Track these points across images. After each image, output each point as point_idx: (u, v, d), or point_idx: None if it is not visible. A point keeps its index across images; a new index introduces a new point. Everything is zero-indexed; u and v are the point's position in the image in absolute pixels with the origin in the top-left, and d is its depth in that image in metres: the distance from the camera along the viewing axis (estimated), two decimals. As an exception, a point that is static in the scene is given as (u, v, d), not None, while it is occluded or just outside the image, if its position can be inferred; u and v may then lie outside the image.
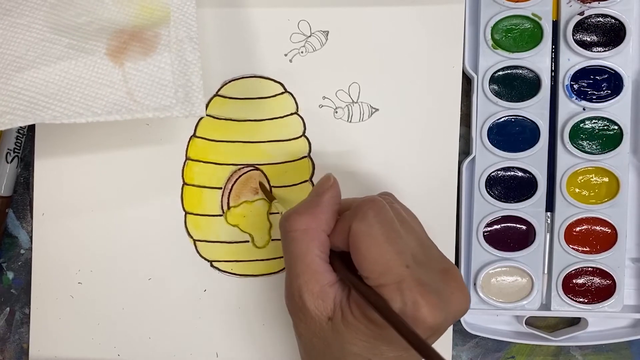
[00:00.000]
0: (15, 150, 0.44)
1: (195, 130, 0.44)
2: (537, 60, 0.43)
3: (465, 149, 0.45)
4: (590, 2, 0.43)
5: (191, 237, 0.44)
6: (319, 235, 0.34)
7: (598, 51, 0.43)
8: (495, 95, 0.43)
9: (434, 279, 0.32)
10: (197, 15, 0.38)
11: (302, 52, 0.44)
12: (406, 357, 0.32)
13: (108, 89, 0.36)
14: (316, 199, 0.34)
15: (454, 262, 0.44)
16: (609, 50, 0.43)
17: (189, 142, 0.44)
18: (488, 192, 0.44)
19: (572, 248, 0.44)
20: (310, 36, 0.44)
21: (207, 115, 0.44)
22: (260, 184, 0.43)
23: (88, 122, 0.36)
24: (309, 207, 0.34)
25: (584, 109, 0.43)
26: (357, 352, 0.32)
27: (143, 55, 0.37)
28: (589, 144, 0.43)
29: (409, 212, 0.36)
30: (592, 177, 0.44)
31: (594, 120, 0.43)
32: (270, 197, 0.43)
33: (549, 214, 0.44)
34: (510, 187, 0.44)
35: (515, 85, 0.43)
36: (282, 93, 0.44)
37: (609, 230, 0.44)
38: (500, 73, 0.43)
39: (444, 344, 0.44)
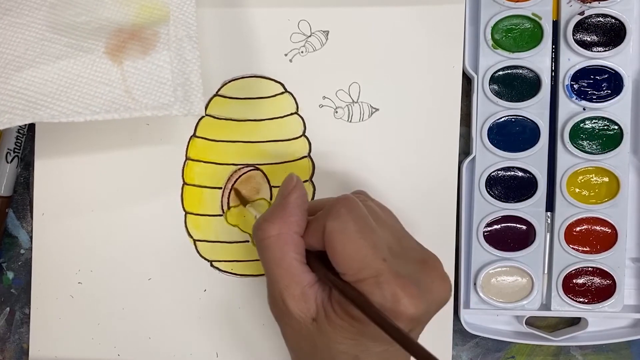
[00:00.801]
0: (15, 150, 0.44)
1: (195, 130, 0.44)
2: (537, 60, 0.43)
3: (465, 149, 0.45)
4: (590, 2, 0.43)
5: (191, 237, 0.44)
6: (292, 238, 0.34)
7: (598, 51, 0.43)
8: (496, 95, 0.43)
9: (413, 269, 0.32)
10: (197, 14, 0.38)
11: (302, 52, 0.44)
12: (393, 351, 0.33)
13: (107, 88, 0.36)
14: (283, 202, 0.34)
15: (454, 262, 0.44)
16: (609, 50, 0.43)
17: (189, 142, 0.44)
18: (488, 192, 0.44)
19: (572, 248, 0.44)
20: (310, 36, 0.44)
21: (207, 115, 0.44)
22: (235, 190, 0.43)
23: (87, 120, 0.36)
24: (277, 211, 0.34)
25: (584, 109, 0.43)
26: (344, 350, 0.32)
27: (142, 54, 0.37)
28: (589, 144, 0.43)
29: (383, 208, 0.36)
30: (592, 177, 0.44)
31: (594, 120, 0.43)
32: (244, 202, 0.43)
33: (549, 214, 0.44)
34: (510, 187, 0.44)
35: (515, 85, 0.43)
36: (282, 93, 0.44)
37: (609, 230, 0.44)
38: (501, 73, 0.43)
39: (443, 344, 0.44)
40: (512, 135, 0.44)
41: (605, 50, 0.43)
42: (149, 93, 0.37)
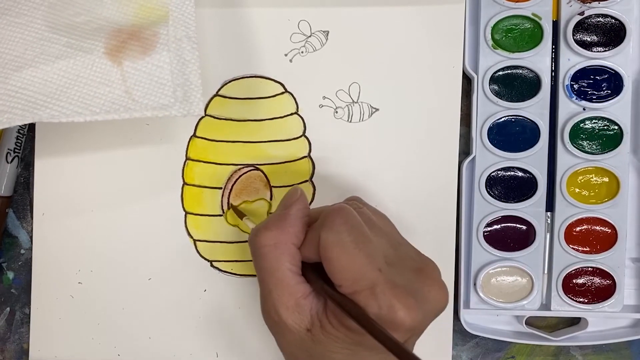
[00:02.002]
0: (16, 150, 0.44)
1: (195, 130, 0.44)
2: (537, 60, 0.43)
3: (465, 149, 0.45)
4: (590, 2, 0.43)
5: (191, 237, 0.44)
6: (289, 248, 0.33)
7: (598, 51, 0.43)
8: (496, 95, 0.43)
9: (409, 278, 0.32)
10: (197, 15, 0.38)
11: (302, 52, 0.44)
12: None
13: (106, 88, 0.36)
14: (284, 213, 0.34)
15: (454, 262, 0.44)
16: (609, 50, 0.43)
17: (189, 142, 0.44)
18: (488, 192, 0.44)
19: (572, 248, 0.44)
20: (310, 36, 0.44)
21: (207, 115, 0.44)
22: (232, 205, 0.43)
23: (86, 121, 0.36)
24: (277, 221, 0.34)
25: (584, 109, 0.43)
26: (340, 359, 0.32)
27: (141, 54, 0.37)
28: (589, 144, 0.43)
29: (378, 215, 0.36)
30: (592, 177, 0.44)
31: (594, 120, 0.43)
32: (241, 215, 0.42)
33: (549, 214, 0.44)
34: (510, 187, 0.44)
35: (515, 85, 0.43)
36: (282, 93, 0.44)
37: (609, 230, 0.44)
38: (501, 73, 0.43)
39: (443, 344, 0.44)
40: (512, 135, 0.43)
41: (605, 51, 0.43)
42: (148, 94, 0.37)
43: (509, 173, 0.44)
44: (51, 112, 0.36)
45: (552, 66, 0.44)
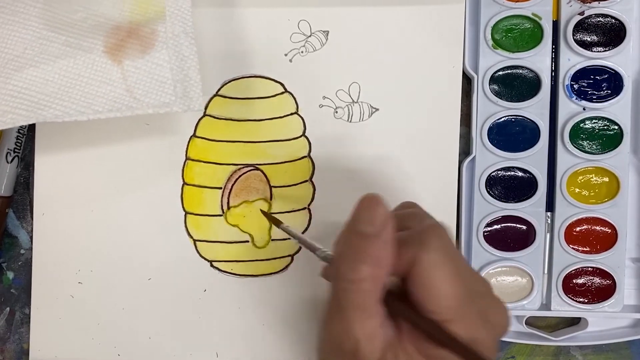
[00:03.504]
0: (16, 150, 0.44)
1: (195, 130, 0.44)
2: (537, 60, 0.43)
3: (465, 149, 0.45)
4: (590, 2, 0.43)
5: (191, 237, 0.44)
6: (382, 281, 0.29)
7: (598, 51, 0.43)
8: (496, 95, 0.43)
9: (482, 304, 0.30)
10: (198, 15, 0.38)
11: (302, 52, 0.44)
12: None
13: (108, 87, 0.36)
14: (378, 241, 0.29)
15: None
16: (609, 50, 0.43)
17: (189, 142, 0.44)
18: (488, 192, 0.44)
19: (572, 248, 0.44)
20: (310, 36, 0.44)
21: (207, 115, 0.44)
22: (263, 212, 0.43)
23: (89, 119, 0.36)
24: (372, 249, 0.29)
25: (584, 109, 0.43)
26: None
27: (141, 53, 0.37)
28: (589, 144, 0.43)
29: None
30: (592, 177, 0.44)
31: (594, 120, 0.43)
32: (277, 222, 0.41)
33: (549, 214, 0.44)
34: (511, 187, 0.44)
35: (515, 85, 0.43)
36: (282, 93, 0.44)
37: (609, 230, 0.44)
38: (501, 73, 0.43)
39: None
40: (512, 135, 0.44)
41: (605, 50, 0.43)
42: (150, 92, 0.37)
43: (509, 173, 0.44)
44: (55, 112, 0.36)
45: (552, 66, 0.44)
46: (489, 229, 0.44)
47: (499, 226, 0.44)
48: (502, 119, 0.43)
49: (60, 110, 0.36)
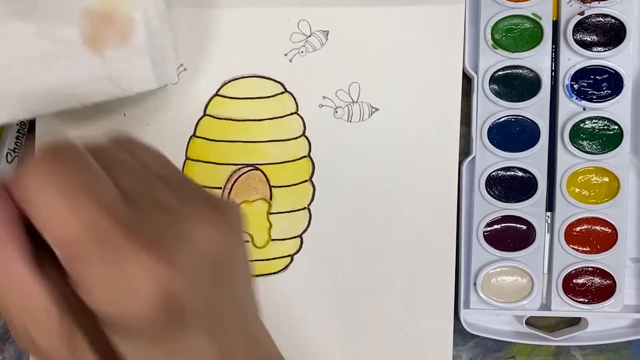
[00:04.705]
0: (16, 150, 0.44)
1: (195, 130, 0.44)
2: (537, 60, 0.43)
3: (465, 149, 0.45)
4: (590, 2, 0.43)
5: (191, 237, 0.44)
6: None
7: (598, 51, 0.43)
8: (495, 95, 0.43)
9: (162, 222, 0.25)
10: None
11: (302, 52, 0.44)
12: None
13: (92, 79, 0.37)
14: None
15: (454, 262, 0.43)
16: (609, 50, 0.43)
17: (188, 142, 0.44)
18: (488, 192, 0.44)
19: (572, 248, 0.44)
20: (310, 36, 0.44)
21: (206, 115, 0.44)
22: None
23: (77, 107, 0.37)
24: None
25: (584, 109, 0.43)
26: None
27: (121, 44, 0.37)
28: (589, 144, 0.43)
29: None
30: (592, 177, 0.44)
31: (594, 120, 0.43)
32: None
33: (549, 213, 0.44)
34: (510, 187, 0.44)
35: (515, 85, 0.43)
36: (282, 93, 0.44)
37: (609, 230, 0.44)
38: (500, 73, 0.43)
39: (443, 344, 0.43)
40: (512, 135, 0.43)
41: (605, 50, 0.43)
42: (133, 79, 0.37)
43: (509, 173, 0.44)
44: (40, 107, 0.36)
45: (552, 66, 0.44)
46: (489, 229, 0.44)
47: (499, 226, 0.44)
48: (502, 119, 0.43)
49: (46, 104, 0.36)
